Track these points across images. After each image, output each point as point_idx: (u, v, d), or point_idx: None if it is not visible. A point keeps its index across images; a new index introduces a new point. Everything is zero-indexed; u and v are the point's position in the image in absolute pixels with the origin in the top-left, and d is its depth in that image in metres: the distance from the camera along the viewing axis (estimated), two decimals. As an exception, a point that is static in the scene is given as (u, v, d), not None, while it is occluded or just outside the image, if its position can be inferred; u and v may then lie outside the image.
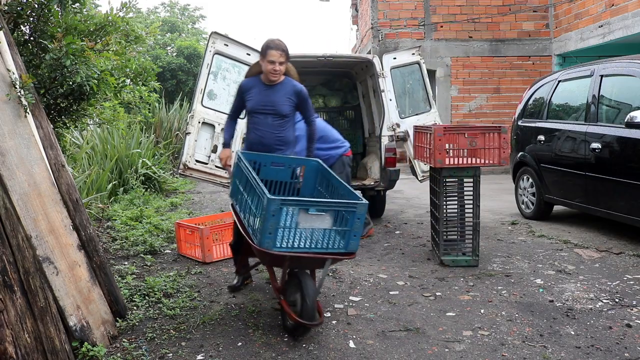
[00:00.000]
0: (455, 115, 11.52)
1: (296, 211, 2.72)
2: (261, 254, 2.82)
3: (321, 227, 2.79)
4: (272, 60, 3.38)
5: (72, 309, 2.70)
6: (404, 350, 2.81)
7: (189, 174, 5.29)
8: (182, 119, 11.97)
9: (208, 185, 7.83)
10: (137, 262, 4.46)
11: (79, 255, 2.86)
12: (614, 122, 4.93)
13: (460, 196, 4.45)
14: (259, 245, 2.70)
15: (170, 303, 3.46)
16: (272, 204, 2.61)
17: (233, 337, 2.99)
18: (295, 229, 2.75)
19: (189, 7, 24.62)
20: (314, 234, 2.81)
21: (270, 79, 3.47)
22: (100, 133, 8.58)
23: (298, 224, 2.75)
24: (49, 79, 3.38)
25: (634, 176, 4.52)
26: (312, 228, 2.79)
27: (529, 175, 6.19)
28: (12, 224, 2.55)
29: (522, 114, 6.52)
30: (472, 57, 11.44)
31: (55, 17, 3.49)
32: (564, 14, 10.75)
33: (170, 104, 13.28)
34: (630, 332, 2.99)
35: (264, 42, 3.46)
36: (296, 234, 2.76)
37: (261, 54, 3.44)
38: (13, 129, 2.65)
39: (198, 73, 5.49)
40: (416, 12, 11.44)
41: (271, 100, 3.48)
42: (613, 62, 5.15)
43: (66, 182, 2.92)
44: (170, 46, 19.60)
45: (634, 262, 4.33)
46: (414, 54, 6.28)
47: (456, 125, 6.88)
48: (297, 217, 2.74)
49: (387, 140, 5.91)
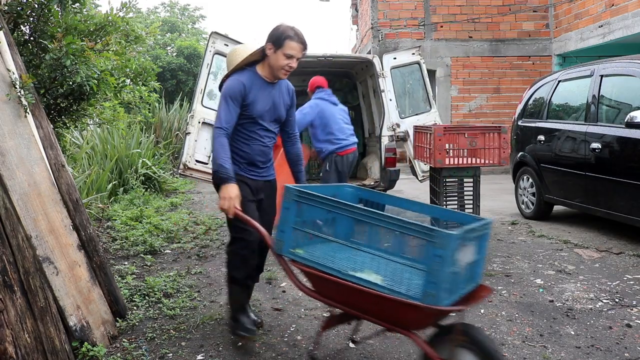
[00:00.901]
0: (455, 115, 11.52)
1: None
2: (426, 316, 2.01)
3: (469, 261, 2.10)
4: (291, 55, 2.68)
5: (72, 309, 2.70)
6: (403, 350, 2.81)
7: (189, 174, 5.29)
8: (182, 119, 11.97)
9: (208, 185, 7.81)
10: (137, 262, 4.46)
11: (79, 255, 2.85)
12: (614, 122, 4.93)
13: (460, 196, 4.46)
14: (436, 304, 1.89)
15: (170, 303, 3.46)
16: (453, 241, 1.87)
17: (233, 337, 2.99)
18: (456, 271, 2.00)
19: (189, 7, 24.64)
20: (463, 272, 2.07)
21: (279, 76, 2.78)
22: (100, 133, 8.58)
23: (458, 263, 1.99)
24: (49, 79, 3.38)
25: (634, 176, 4.52)
26: (464, 264, 2.05)
27: (529, 175, 6.19)
28: (12, 224, 2.55)
29: (522, 114, 6.52)
30: (472, 57, 11.44)
31: (55, 17, 3.48)
32: (564, 14, 10.75)
33: (170, 104, 13.27)
34: (630, 332, 2.99)
35: (277, 28, 2.70)
36: (456, 276, 2.01)
37: (273, 42, 2.69)
38: (13, 129, 2.65)
39: (198, 73, 5.49)
40: (416, 12, 11.44)
41: (274, 103, 2.83)
42: (613, 62, 5.15)
43: (66, 182, 2.92)
44: (170, 46, 19.61)
45: (634, 262, 4.33)
46: (414, 54, 6.28)
47: (456, 125, 6.88)
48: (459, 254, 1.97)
49: (387, 140, 5.91)
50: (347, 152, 4.92)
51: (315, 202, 2.23)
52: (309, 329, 3.11)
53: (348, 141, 4.95)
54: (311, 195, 2.24)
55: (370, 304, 2.10)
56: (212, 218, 6.37)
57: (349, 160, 4.95)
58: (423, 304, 1.90)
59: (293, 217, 2.27)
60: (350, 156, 4.96)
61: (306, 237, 2.31)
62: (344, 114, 5.10)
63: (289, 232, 2.28)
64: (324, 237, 2.32)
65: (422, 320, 2.05)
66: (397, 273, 2.07)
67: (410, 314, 2.00)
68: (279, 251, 2.31)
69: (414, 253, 2.11)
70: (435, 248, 1.88)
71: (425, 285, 1.91)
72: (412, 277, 2.03)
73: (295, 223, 2.27)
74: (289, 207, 2.26)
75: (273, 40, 2.70)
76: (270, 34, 2.72)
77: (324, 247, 2.31)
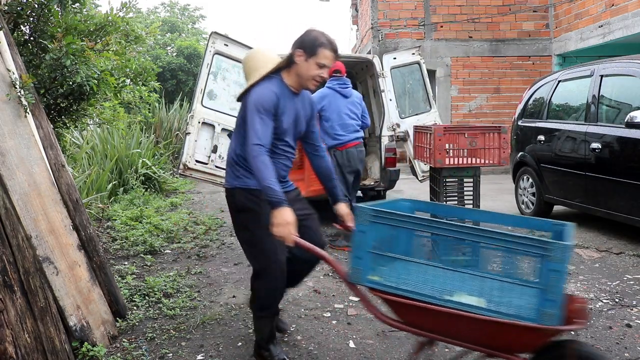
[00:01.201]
0: (455, 115, 11.52)
1: None
2: (540, 337, 1.85)
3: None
4: (324, 64, 2.43)
5: (72, 309, 2.70)
6: (404, 350, 2.81)
7: (189, 174, 5.29)
8: (182, 119, 11.97)
9: (208, 185, 7.82)
10: (137, 262, 4.46)
11: (79, 255, 2.86)
12: (614, 122, 4.93)
13: (460, 196, 4.45)
14: (555, 324, 1.76)
15: (170, 303, 3.46)
16: (569, 252, 1.76)
17: (233, 337, 2.99)
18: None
19: (189, 7, 24.64)
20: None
21: (308, 87, 2.52)
22: (100, 133, 8.58)
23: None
24: (49, 79, 3.37)
25: (634, 176, 4.52)
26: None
27: (529, 175, 6.19)
28: (12, 224, 2.55)
29: (522, 114, 6.52)
30: (472, 57, 11.45)
31: (55, 17, 3.48)
32: (564, 14, 10.75)
33: (170, 104, 13.28)
34: (630, 332, 2.99)
35: (309, 34, 2.44)
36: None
37: (305, 50, 2.41)
38: (13, 129, 2.65)
39: (198, 73, 5.49)
40: (416, 12, 11.44)
41: (297, 116, 2.56)
42: (613, 62, 5.15)
43: (66, 182, 2.92)
44: (170, 46, 19.61)
45: (634, 262, 4.33)
46: (414, 54, 6.28)
47: (456, 125, 6.88)
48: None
49: (387, 140, 5.91)
50: (347, 146, 4.86)
51: (397, 221, 1.97)
52: (309, 329, 3.11)
53: (348, 137, 4.89)
54: (391, 214, 1.98)
55: (472, 330, 1.89)
56: (212, 218, 6.37)
57: (351, 155, 4.85)
58: (542, 325, 1.75)
59: (370, 241, 1.99)
60: (352, 150, 4.86)
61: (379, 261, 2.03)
62: (354, 107, 4.99)
63: (366, 258, 2.00)
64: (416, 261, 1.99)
65: (534, 342, 1.85)
66: (499, 293, 1.86)
67: (523, 337, 1.82)
68: (358, 281, 2.03)
69: (517, 269, 1.90)
70: (551, 262, 1.72)
71: (541, 304, 1.75)
72: (515, 295, 1.83)
73: (372, 247, 2.00)
74: (364, 230, 1.99)
75: (305, 47, 2.42)
76: (300, 39, 2.45)
77: (398, 270, 2.02)
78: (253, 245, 2.51)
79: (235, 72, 5.49)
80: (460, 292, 1.91)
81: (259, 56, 2.60)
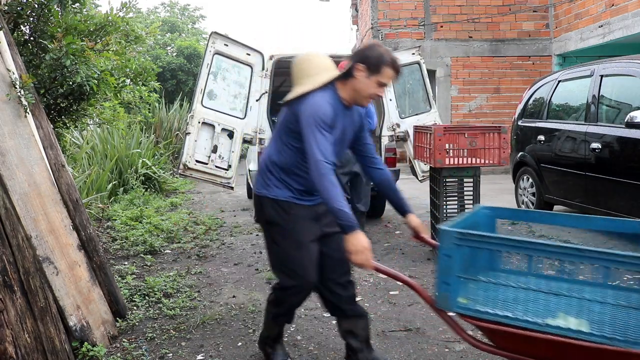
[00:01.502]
0: (455, 115, 11.52)
1: None
2: None
3: None
4: (384, 84, 2.27)
5: (72, 309, 2.70)
6: (404, 350, 2.81)
7: (189, 174, 5.29)
8: (182, 119, 11.98)
9: (208, 185, 7.82)
10: (137, 262, 4.46)
11: (79, 255, 2.86)
12: (614, 122, 4.93)
13: (460, 196, 4.46)
14: None
15: (170, 303, 3.46)
16: None
17: (233, 337, 2.99)
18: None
19: (189, 7, 24.62)
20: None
21: (361, 104, 2.37)
22: (100, 133, 8.58)
23: None
24: (49, 79, 3.38)
25: (634, 176, 4.52)
26: None
27: (529, 175, 6.19)
28: (12, 224, 2.55)
29: (522, 114, 6.52)
30: (472, 57, 11.44)
31: (55, 17, 3.49)
32: (564, 14, 10.75)
33: (170, 104, 13.28)
34: None
35: (373, 49, 2.26)
36: None
37: (369, 66, 2.23)
38: (13, 129, 2.65)
39: (198, 73, 5.49)
40: (416, 12, 11.44)
41: (344, 132, 2.38)
42: (613, 62, 5.16)
43: (66, 182, 2.92)
44: (170, 46, 19.60)
45: (634, 262, 4.33)
46: (414, 54, 6.28)
47: (456, 125, 6.88)
48: None
49: (387, 140, 5.92)
50: None
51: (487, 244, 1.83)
52: (308, 329, 3.11)
53: None
54: (479, 236, 1.84)
55: (581, 357, 1.72)
56: (212, 218, 6.38)
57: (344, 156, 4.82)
58: None
59: (457, 265, 1.85)
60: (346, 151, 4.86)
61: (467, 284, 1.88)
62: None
63: (454, 283, 1.85)
64: (515, 285, 1.84)
65: None
66: (614, 317, 1.70)
67: None
68: (447, 308, 1.90)
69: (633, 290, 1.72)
70: None
71: None
72: (633, 319, 1.68)
73: (460, 271, 1.86)
74: (450, 255, 1.85)
75: (368, 63, 2.23)
76: (364, 54, 2.26)
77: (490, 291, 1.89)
78: (282, 261, 2.38)
79: (235, 72, 5.49)
80: (563, 314, 1.76)
81: (316, 61, 2.38)
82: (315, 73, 2.31)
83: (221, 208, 7.37)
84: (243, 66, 5.47)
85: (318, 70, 2.32)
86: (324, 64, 2.36)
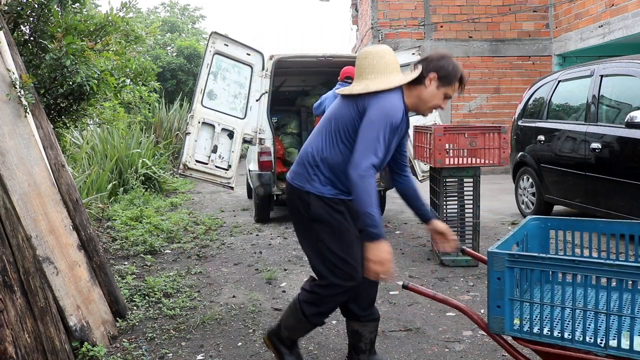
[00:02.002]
0: (455, 115, 11.52)
1: None
2: None
3: None
4: (450, 96, 2.24)
5: (72, 309, 2.70)
6: (404, 350, 2.81)
7: (189, 174, 5.29)
8: (182, 119, 11.99)
9: (208, 185, 7.83)
10: (137, 262, 4.46)
11: (79, 255, 2.86)
12: (614, 122, 4.93)
13: (460, 196, 4.45)
14: None
15: (170, 303, 3.46)
16: None
17: (233, 337, 2.99)
18: None
19: (189, 7, 24.62)
20: None
21: (422, 113, 2.30)
22: (100, 133, 8.58)
23: None
24: (49, 79, 3.38)
25: (634, 176, 4.52)
26: None
27: (529, 175, 6.19)
28: (12, 224, 2.55)
29: (522, 114, 6.52)
30: (472, 57, 11.44)
31: (55, 17, 3.49)
32: (564, 14, 10.75)
33: (170, 104, 13.29)
34: None
35: (448, 61, 2.20)
36: None
37: (442, 77, 2.17)
38: (13, 129, 2.65)
39: (198, 73, 5.49)
40: (416, 12, 11.44)
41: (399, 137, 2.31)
42: (613, 62, 5.16)
43: (66, 182, 2.92)
44: (170, 46, 19.60)
45: (634, 262, 4.33)
46: (414, 54, 6.28)
47: (456, 125, 6.88)
48: None
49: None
50: None
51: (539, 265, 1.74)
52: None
53: None
54: (532, 258, 1.75)
55: None
56: (212, 218, 6.38)
57: None
58: None
59: (509, 287, 1.78)
60: None
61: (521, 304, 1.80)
62: None
63: (507, 306, 1.78)
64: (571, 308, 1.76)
65: None
66: None
67: None
68: (501, 331, 1.82)
69: None
70: None
71: None
72: None
73: (512, 294, 1.78)
74: (501, 277, 1.78)
75: (442, 74, 2.16)
76: (438, 63, 2.18)
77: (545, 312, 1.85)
78: (331, 259, 2.23)
79: (235, 72, 5.50)
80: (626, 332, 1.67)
81: (389, 59, 2.24)
82: (387, 71, 2.19)
83: (221, 208, 7.37)
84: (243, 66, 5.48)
85: (390, 69, 2.20)
86: (395, 64, 2.24)
